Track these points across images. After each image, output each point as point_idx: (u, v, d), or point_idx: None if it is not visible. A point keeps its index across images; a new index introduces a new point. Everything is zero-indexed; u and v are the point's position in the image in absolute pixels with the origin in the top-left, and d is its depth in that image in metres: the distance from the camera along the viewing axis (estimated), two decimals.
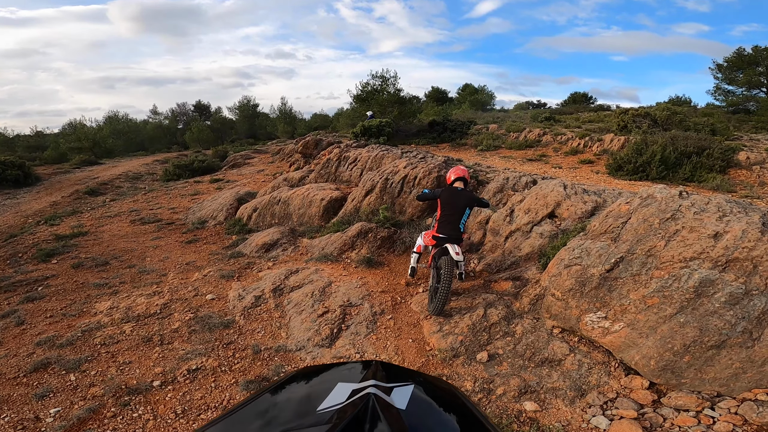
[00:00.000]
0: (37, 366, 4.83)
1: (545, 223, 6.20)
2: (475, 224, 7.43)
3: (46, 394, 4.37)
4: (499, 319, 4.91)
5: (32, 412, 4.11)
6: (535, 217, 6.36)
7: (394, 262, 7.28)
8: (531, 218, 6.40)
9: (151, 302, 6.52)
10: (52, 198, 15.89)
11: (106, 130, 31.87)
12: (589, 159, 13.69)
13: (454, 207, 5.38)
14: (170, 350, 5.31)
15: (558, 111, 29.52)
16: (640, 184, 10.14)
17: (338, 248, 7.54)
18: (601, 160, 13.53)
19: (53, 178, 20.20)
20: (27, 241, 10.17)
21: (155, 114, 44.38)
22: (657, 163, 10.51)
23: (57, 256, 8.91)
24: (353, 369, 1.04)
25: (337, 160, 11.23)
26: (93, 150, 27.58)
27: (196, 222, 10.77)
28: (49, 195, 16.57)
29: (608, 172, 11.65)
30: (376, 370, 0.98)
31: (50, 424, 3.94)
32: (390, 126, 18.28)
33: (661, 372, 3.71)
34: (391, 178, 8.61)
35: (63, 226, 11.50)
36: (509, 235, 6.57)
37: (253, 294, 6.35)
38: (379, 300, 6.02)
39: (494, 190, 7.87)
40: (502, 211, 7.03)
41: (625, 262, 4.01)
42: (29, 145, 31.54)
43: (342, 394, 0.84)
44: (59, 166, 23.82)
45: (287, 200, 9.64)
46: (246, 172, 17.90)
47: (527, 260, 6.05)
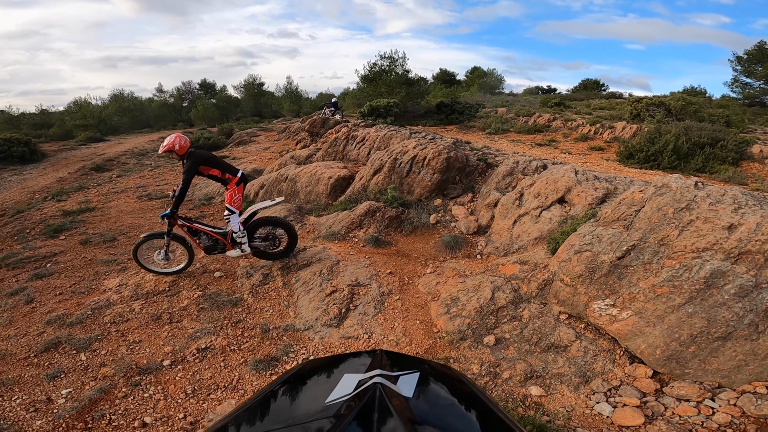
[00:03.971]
0: (47, 345, 4.88)
1: (555, 208, 6.15)
2: (483, 206, 7.39)
3: (57, 375, 4.41)
4: (507, 303, 4.93)
5: (44, 394, 4.15)
6: (545, 202, 6.31)
7: (402, 242, 7.29)
8: (540, 203, 6.35)
9: (160, 279, 6.57)
10: (59, 174, 15.88)
11: (111, 108, 32.07)
12: (599, 146, 13.51)
13: None
14: (179, 329, 5.36)
15: (568, 97, 29.09)
16: (651, 172, 10.08)
17: (345, 227, 7.56)
18: (612, 148, 13.38)
19: (59, 155, 20.17)
20: (34, 216, 10.21)
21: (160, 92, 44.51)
22: (669, 152, 10.43)
23: (65, 232, 8.95)
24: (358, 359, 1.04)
25: (345, 139, 11.14)
26: (98, 127, 27.73)
27: (203, 198, 10.78)
28: (55, 171, 16.57)
29: (619, 159, 11.55)
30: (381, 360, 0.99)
31: (62, 406, 3.98)
32: (398, 106, 18.06)
33: (666, 361, 3.73)
34: (399, 158, 8.54)
35: (70, 202, 11.53)
36: (518, 219, 6.53)
37: (261, 272, 6.39)
38: (386, 280, 6.05)
39: (504, 174, 7.80)
40: (511, 195, 6.98)
41: (637, 250, 3.99)
42: (34, 122, 31.39)
43: (349, 385, 0.84)
44: (65, 143, 23.75)
45: (294, 178, 9.62)
46: (252, 150, 17.81)
47: (535, 244, 6.03)
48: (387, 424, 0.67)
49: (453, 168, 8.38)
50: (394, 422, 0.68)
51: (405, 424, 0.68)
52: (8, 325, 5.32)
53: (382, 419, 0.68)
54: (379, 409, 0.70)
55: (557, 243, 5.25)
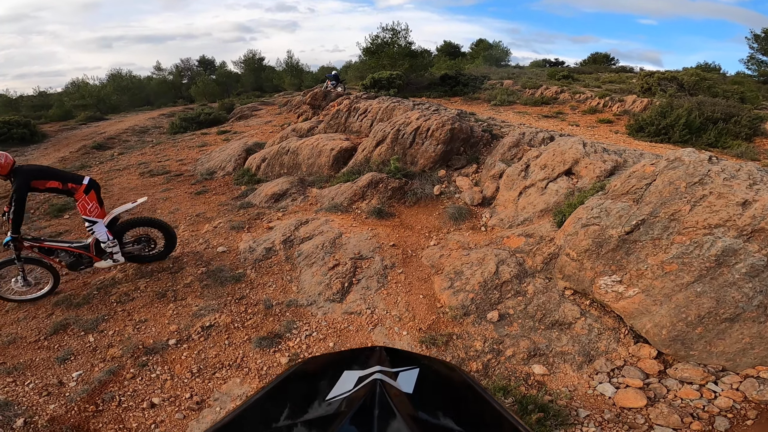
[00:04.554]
0: (56, 328, 4.92)
1: (562, 179, 5.99)
2: (488, 178, 7.24)
3: (67, 357, 4.45)
4: (511, 278, 4.86)
5: (56, 377, 4.19)
6: (552, 174, 6.14)
7: (405, 213, 7.22)
8: (547, 174, 6.18)
9: None
10: (60, 153, 15.84)
11: (110, 87, 32.01)
12: (608, 119, 13.16)
13: None
14: (184, 306, 5.37)
15: (577, 70, 28.23)
16: (661, 146, 9.86)
17: (348, 198, 7.48)
18: (621, 121, 13.06)
19: (60, 135, 20.05)
20: (38, 196, 10.20)
21: (159, 70, 44.06)
22: (681, 126, 10.19)
23: (69, 211, 8.93)
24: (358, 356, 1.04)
25: (346, 111, 10.89)
26: (98, 106, 27.77)
27: (205, 173, 10.71)
28: (56, 151, 16.52)
29: (628, 132, 11.28)
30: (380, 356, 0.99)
31: (73, 389, 4.02)
32: (401, 78, 17.59)
33: (672, 342, 3.66)
34: (403, 129, 8.35)
35: None
36: (523, 191, 6.38)
37: (264, 246, 6.36)
38: (389, 253, 5.99)
39: (510, 145, 7.59)
40: (517, 166, 6.80)
41: (647, 225, 3.86)
42: (33, 104, 31.41)
43: (349, 381, 0.84)
44: (65, 123, 23.60)
45: (296, 150, 9.48)
46: (253, 124, 17.56)
47: (541, 217, 5.91)
48: (388, 420, 0.68)
49: (457, 139, 8.18)
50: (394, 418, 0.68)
51: (406, 420, 0.68)
52: (17, 308, 5.35)
53: (383, 415, 0.68)
54: (380, 406, 0.70)
55: (564, 216, 5.12)
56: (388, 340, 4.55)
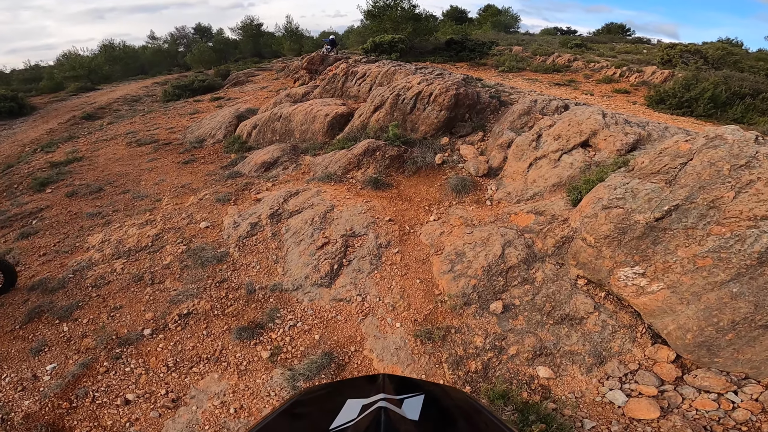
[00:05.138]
0: (31, 315, 4.67)
1: (577, 152, 5.37)
2: (495, 147, 6.62)
3: (41, 349, 4.23)
4: (518, 262, 4.36)
5: (30, 370, 3.99)
6: (566, 145, 5.51)
7: (404, 184, 6.68)
8: (561, 145, 5.55)
9: (143, 233, 6.15)
10: (49, 125, 15.31)
11: (101, 58, 31.18)
12: (624, 89, 12.34)
13: None
14: (161, 291, 5.02)
15: (590, 39, 26.73)
16: (683, 119, 9.19)
17: (343, 167, 6.94)
18: (639, 91, 12.30)
19: (49, 107, 19.42)
20: (23, 170, 9.81)
21: (153, 39, 42.79)
22: (706, 100, 9.54)
23: (51, 185, 8.59)
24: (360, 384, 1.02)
25: (344, 75, 10.13)
26: (89, 77, 27.00)
27: (194, 141, 10.15)
28: (45, 123, 15.98)
29: (647, 104, 10.56)
30: (384, 383, 0.96)
31: (48, 383, 3.83)
32: (403, 42, 16.50)
33: (696, 348, 3.18)
34: (403, 94, 7.67)
35: (58, 153, 11.09)
36: (534, 162, 5.78)
37: (249, 221, 5.89)
38: (385, 229, 5.50)
39: (520, 112, 6.92)
40: (527, 135, 6.16)
41: (680, 212, 3.30)
42: (25, 78, 30.86)
43: (353, 410, 0.81)
44: (55, 95, 22.95)
45: (289, 116, 8.86)
46: (248, 90, 16.76)
47: (553, 192, 5.34)
48: None
49: (462, 105, 7.50)
50: None
51: None
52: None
53: None
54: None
55: (580, 193, 4.55)
56: (379, 332, 4.11)
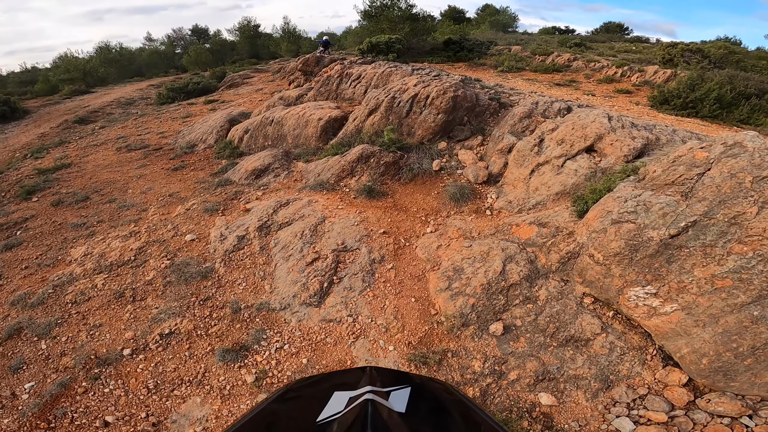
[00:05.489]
0: (11, 332, 4.47)
1: (582, 157, 5.08)
2: (495, 152, 6.33)
3: (20, 366, 4.04)
4: (520, 279, 4.08)
5: (9, 388, 3.83)
6: (570, 150, 5.22)
7: (399, 192, 6.38)
8: (565, 150, 5.26)
9: (126, 246, 5.87)
10: (40, 130, 15.03)
11: (96, 60, 30.93)
12: (626, 89, 12.04)
13: None
14: (143, 308, 4.76)
15: (589, 38, 26.44)
16: (688, 120, 8.90)
17: (336, 175, 6.66)
18: (641, 91, 12.01)
19: (42, 110, 19.15)
20: (11, 177, 9.54)
21: (150, 41, 42.59)
22: (711, 100, 9.24)
23: (38, 193, 8.34)
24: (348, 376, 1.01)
25: (338, 76, 9.81)
26: (84, 80, 26.67)
27: (185, 146, 9.84)
28: (37, 127, 15.72)
29: (651, 104, 10.23)
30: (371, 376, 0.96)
31: (26, 402, 3.65)
32: (400, 43, 16.17)
33: (712, 373, 2.97)
34: (398, 97, 7.37)
35: (47, 159, 10.83)
36: (536, 169, 5.50)
37: (237, 234, 5.60)
38: (378, 243, 5.22)
39: (521, 115, 6.62)
40: (529, 140, 5.87)
41: (698, 228, 3.02)
42: (21, 80, 30.69)
43: (339, 402, 0.81)
44: (49, 98, 22.66)
45: (281, 120, 8.56)
46: (243, 92, 16.47)
47: (557, 200, 5.06)
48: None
49: (460, 108, 7.21)
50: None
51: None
52: None
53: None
54: (372, 426, 0.68)
55: (586, 204, 4.26)
56: (371, 356, 3.83)
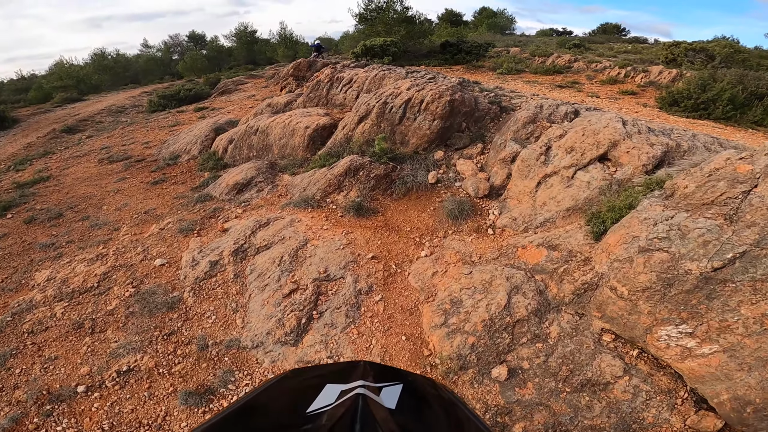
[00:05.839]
0: None
1: (595, 167, 4.54)
2: (497, 161, 5.78)
3: None
4: (528, 314, 3.53)
5: None
6: (581, 159, 4.69)
7: (392, 208, 5.82)
8: (575, 160, 4.73)
9: (91, 271, 5.38)
10: (28, 139, 14.62)
11: (90, 67, 30.67)
12: (631, 90, 11.56)
13: None
14: (101, 341, 4.37)
15: (587, 40, 26.09)
16: (701, 123, 8.40)
17: (322, 190, 6.11)
18: (647, 92, 11.53)
19: (32, 119, 18.71)
20: None
21: (146, 47, 42.19)
22: (725, 101, 8.77)
23: (13, 209, 7.93)
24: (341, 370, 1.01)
25: (328, 81, 9.24)
26: (78, 87, 26.25)
27: (168, 158, 9.33)
28: (24, 137, 15.30)
29: (659, 106, 9.76)
30: (364, 370, 0.96)
31: None
32: (396, 46, 15.67)
33: (756, 421, 2.48)
34: (390, 102, 6.82)
35: (28, 171, 10.42)
36: (543, 181, 4.96)
37: (210, 258, 5.06)
38: (366, 270, 4.67)
39: (525, 120, 6.06)
40: (534, 148, 5.33)
41: (747, 260, 2.48)
42: (16, 88, 30.19)
43: (331, 395, 0.82)
44: (40, 106, 22.29)
45: (266, 129, 7.99)
46: (235, 99, 16.00)
47: (567, 217, 4.51)
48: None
49: (458, 113, 6.67)
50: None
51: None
52: None
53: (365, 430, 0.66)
54: (362, 420, 0.68)
55: (603, 224, 3.71)
56: None
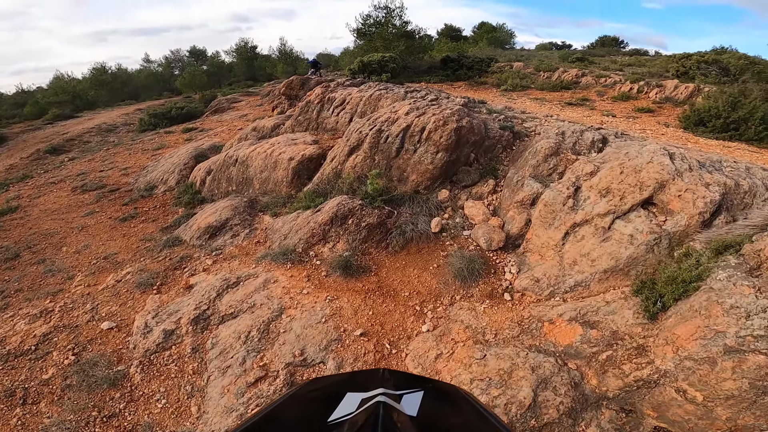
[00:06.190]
0: None
1: (638, 216, 3.67)
2: (513, 204, 4.87)
3: None
4: (560, 415, 2.65)
5: None
6: (620, 205, 3.83)
7: (387, 266, 4.87)
8: (612, 206, 3.87)
9: (31, 330, 4.53)
10: (11, 160, 13.91)
11: (87, 82, 30.15)
12: (647, 107, 10.75)
13: None
14: (34, 414, 3.62)
15: (588, 53, 25.65)
16: (733, 145, 7.49)
17: (304, 240, 5.16)
18: (664, 110, 10.72)
19: (20, 137, 18.05)
20: None
21: (148, 62, 41.92)
22: (757, 121, 7.88)
23: None
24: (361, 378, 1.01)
25: (319, 102, 8.34)
26: (74, 102, 25.69)
27: (143, 188, 8.48)
28: (9, 157, 14.59)
29: (684, 126, 8.84)
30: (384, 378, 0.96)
31: None
32: (395, 62, 14.96)
33: None
34: (386, 130, 5.92)
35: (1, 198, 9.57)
36: (571, 231, 4.08)
37: (165, 326, 4.16)
38: (353, 351, 3.74)
39: (546, 152, 5.10)
40: (560, 189, 4.42)
41: None
42: (15, 102, 29.77)
43: (351, 403, 0.82)
44: (30, 123, 21.76)
45: (246, 160, 7.07)
46: (226, 118, 15.25)
47: (605, 281, 3.62)
48: None
49: (466, 143, 5.76)
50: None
51: None
52: None
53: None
54: (383, 428, 0.67)
55: (660, 299, 2.82)
56: None
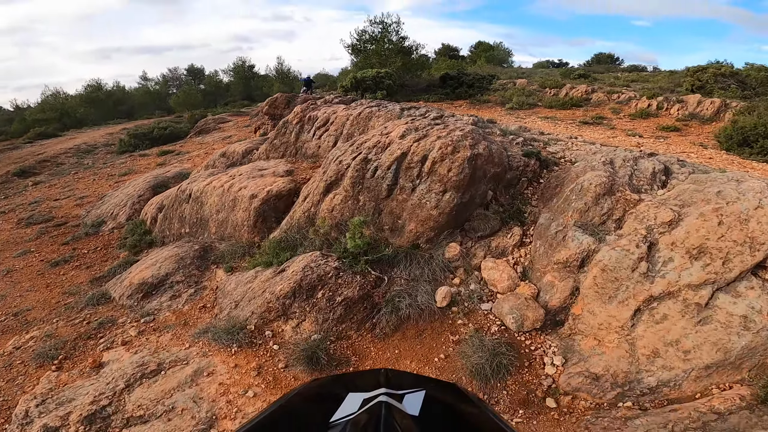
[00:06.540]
0: None
1: (749, 287, 2.33)
2: (553, 265, 3.40)
3: None
4: None
5: None
6: (723, 272, 2.47)
7: (372, 357, 3.44)
8: (711, 273, 2.49)
9: None
10: None
11: (76, 100, 29.44)
12: (672, 125, 9.57)
13: None
14: None
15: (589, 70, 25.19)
16: None
17: (258, 314, 3.70)
18: (691, 128, 9.55)
19: None
20: None
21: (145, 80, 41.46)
22: None
23: None
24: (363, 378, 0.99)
25: (298, 123, 6.87)
26: (61, 120, 24.82)
27: (91, 223, 7.10)
28: None
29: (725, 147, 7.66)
30: (386, 378, 0.93)
31: None
32: (391, 78, 13.82)
33: None
34: (374, 159, 4.41)
35: None
36: (645, 307, 2.68)
37: (48, 420, 2.92)
38: None
39: (597, 190, 3.64)
40: (626, 246, 3.01)
41: None
42: (8, 118, 28.94)
43: (353, 404, 0.79)
44: (10, 142, 20.75)
45: (200, 197, 5.61)
46: (208, 140, 14.02)
47: (706, 377, 2.25)
48: None
49: (482, 177, 4.22)
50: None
51: None
52: None
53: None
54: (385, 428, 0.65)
55: None
56: None
